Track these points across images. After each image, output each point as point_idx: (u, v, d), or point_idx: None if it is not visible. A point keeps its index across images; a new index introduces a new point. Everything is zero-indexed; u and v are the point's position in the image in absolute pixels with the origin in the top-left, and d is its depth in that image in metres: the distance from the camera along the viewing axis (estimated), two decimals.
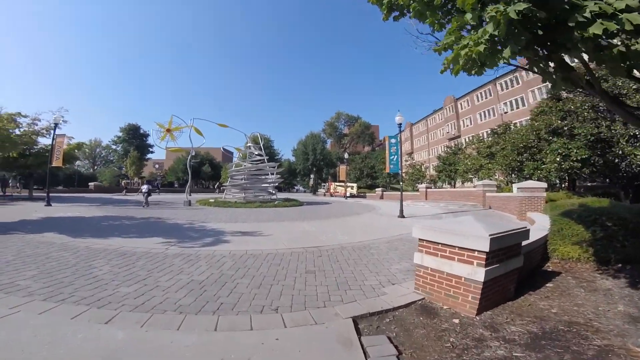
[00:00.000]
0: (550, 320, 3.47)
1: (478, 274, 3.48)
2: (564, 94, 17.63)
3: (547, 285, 4.67)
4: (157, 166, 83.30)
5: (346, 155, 37.33)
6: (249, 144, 22.27)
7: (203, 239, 7.62)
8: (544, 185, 12.39)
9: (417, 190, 30.67)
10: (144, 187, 17.86)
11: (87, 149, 67.11)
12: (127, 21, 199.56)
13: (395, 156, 13.99)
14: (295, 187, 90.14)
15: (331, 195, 40.50)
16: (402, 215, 12.97)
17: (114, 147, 52.89)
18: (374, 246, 7.01)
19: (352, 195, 37.13)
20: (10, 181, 29.79)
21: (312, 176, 57.59)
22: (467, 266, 3.58)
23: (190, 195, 33.49)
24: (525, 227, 4.24)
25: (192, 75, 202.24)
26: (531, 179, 17.09)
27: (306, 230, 9.24)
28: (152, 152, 52.45)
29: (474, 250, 3.52)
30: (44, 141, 20.68)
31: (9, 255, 5.54)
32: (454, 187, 31.34)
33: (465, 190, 23.15)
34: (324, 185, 50.05)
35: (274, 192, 21.13)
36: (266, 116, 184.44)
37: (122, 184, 41.27)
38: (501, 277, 3.80)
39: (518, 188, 13.31)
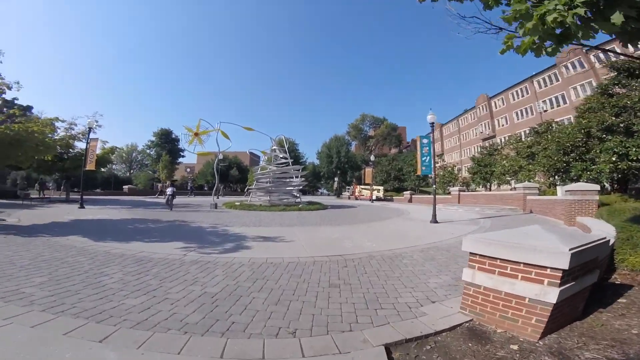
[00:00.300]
0: (634, 344, 2.77)
1: (549, 294, 2.78)
2: (617, 89, 15.85)
3: (619, 300, 3.88)
4: (188, 170, 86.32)
5: (372, 157, 36.28)
6: (274, 147, 22.10)
7: (223, 245, 7.27)
8: (597, 187, 11.02)
9: (449, 194, 29.09)
10: (169, 190, 17.62)
11: (124, 154, 71.11)
12: (153, 28, 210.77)
13: (428, 157, 13.08)
14: (319, 190, 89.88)
15: (356, 199, 39.56)
16: (435, 221, 12.03)
17: (147, 151, 55.24)
18: (407, 256, 6.28)
19: (378, 199, 36.04)
20: (50, 184, 31.71)
21: (336, 179, 56.95)
22: (535, 285, 2.87)
23: (219, 197, 34.18)
24: (605, 238, 3.43)
25: (216, 82, 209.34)
26: (579, 181, 15.45)
27: (330, 237, 8.65)
28: (183, 157, 54.23)
29: (545, 268, 2.80)
30: (81, 145, 21.76)
31: (26, 259, 5.43)
32: (490, 190, 29.41)
33: (503, 194, 21.53)
34: (349, 189, 49.09)
35: (298, 195, 20.75)
36: (291, 120, 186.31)
37: (158, 187, 42.87)
38: (573, 296, 3.07)
39: (566, 191, 11.98)
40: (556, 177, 18.50)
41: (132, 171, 69.32)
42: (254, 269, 5.21)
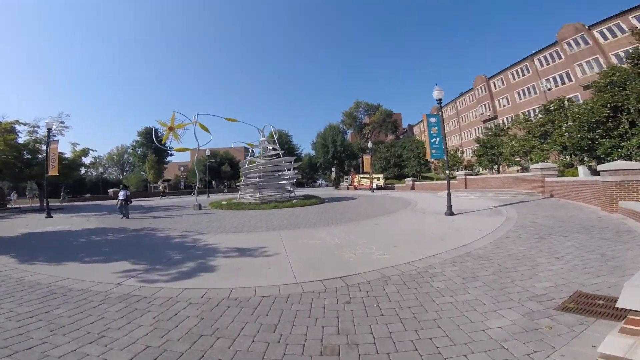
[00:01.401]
0: None
1: None
2: None
3: None
4: (182, 169, 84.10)
5: (370, 144, 34.11)
6: (262, 139, 20.03)
7: (181, 265, 5.36)
8: None
9: (454, 178, 27.30)
10: (121, 194, 13.58)
11: (115, 156, 68.77)
12: (127, 25, 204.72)
13: (438, 138, 11.16)
14: (317, 182, 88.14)
15: (355, 189, 37.61)
16: (450, 212, 10.17)
17: (134, 152, 52.46)
18: (436, 272, 4.38)
19: (378, 188, 34.11)
20: (10, 194, 29.61)
21: (333, 169, 54.97)
22: None
23: (209, 196, 32.23)
24: None
25: (200, 74, 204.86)
26: (606, 160, 13.68)
27: (327, 243, 6.72)
28: (171, 155, 51.74)
29: None
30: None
31: None
32: (498, 173, 27.61)
33: (516, 176, 19.70)
34: (347, 178, 47.12)
35: (292, 189, 18.82)
36: (283, 112, 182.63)
37: (160, 188, 41.62)
38: None
39: (603, 170, 10.06)
40: (574, 156, 16.73)
41: (124, 173, 67.19)
42: (205, 312, 3.33)
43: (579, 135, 13.89)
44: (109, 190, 36.79)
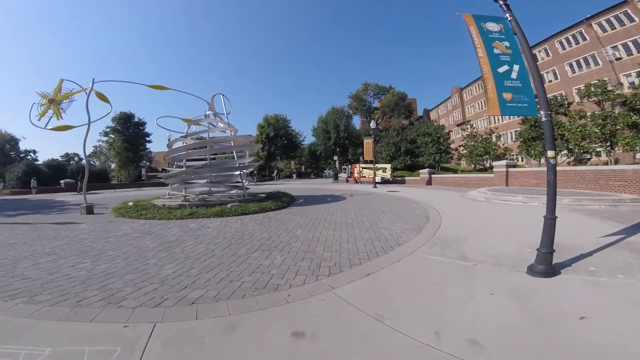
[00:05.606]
0: None
1: None
2: None
3: None
4: None
5: (372, 125, 26.68)
6: (208, 112, 13.42)
7: None
8: None
9: (487, 171, 20.19)
10: None
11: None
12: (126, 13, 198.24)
13: (516, 66, 4.33)
14: (325, 172, 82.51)
15: (356, 182, 30.75)
16: (549, 267, 3.43)
17: (105, 139, 46.14)
18: None
19: (384, 181, 27.22)
20: None
21: (335, 158, 48.13)
22: None
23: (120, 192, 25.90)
24: None
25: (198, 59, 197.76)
26: None
27: None
28: (149, 142, 45.73)
29: None
30: None
31: None
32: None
33: (602, 170, 12.62)
34: (344, 169, 39.99)
35: (244, 181, 12.15)
36: (284, 94, 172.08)
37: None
38: None
39: None
40: None
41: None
42: None
43: None
44: (61, 182, 31.53)
